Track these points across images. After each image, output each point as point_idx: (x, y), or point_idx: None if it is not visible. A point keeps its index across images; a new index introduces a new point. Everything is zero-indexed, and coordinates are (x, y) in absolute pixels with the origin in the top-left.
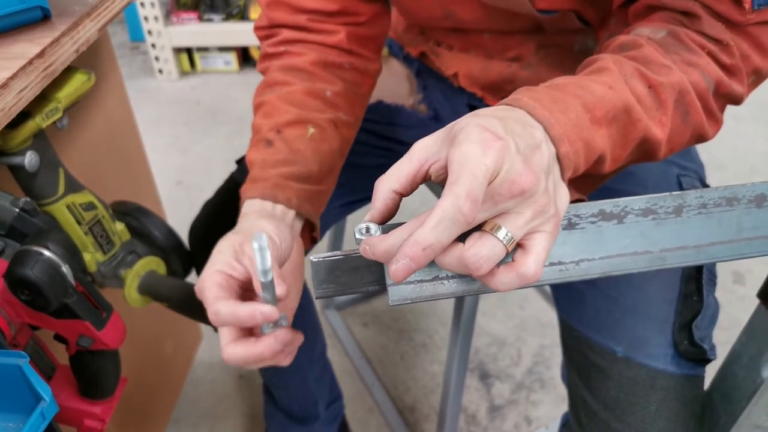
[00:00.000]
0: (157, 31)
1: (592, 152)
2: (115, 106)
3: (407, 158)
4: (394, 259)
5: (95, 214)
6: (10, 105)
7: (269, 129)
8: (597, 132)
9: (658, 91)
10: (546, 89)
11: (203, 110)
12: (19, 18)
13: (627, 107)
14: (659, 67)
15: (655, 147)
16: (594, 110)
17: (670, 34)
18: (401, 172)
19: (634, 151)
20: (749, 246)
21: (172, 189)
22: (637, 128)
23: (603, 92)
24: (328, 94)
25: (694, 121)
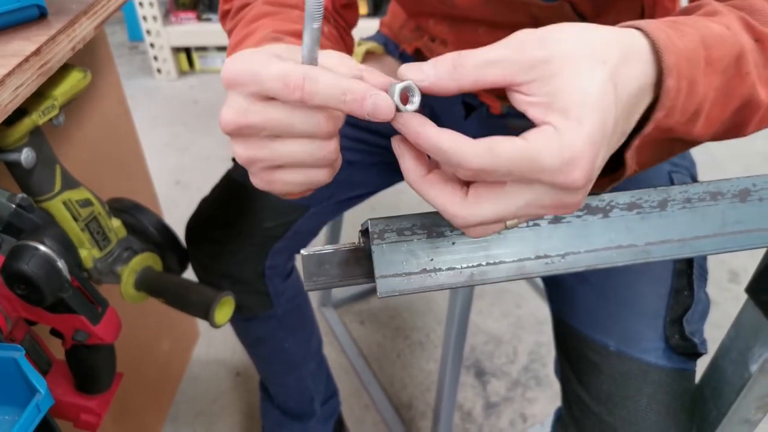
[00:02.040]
0: (156, 30)
1: (693, 98)
2: (112, 104)
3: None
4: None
5: (91, 211)
6: (6, 102)
7: (274, 31)
8: (706, 77)
9: (765, 45)
10: (660, 20)
11: (201, 110)
12: (16, 16)
13: (740, 55)
14: (767, 18)
15: (752, 114)
16: (711, 49)
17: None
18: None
19: (731, 116)
20: (733, 240)
21: (170, 188)
22: (745, 83)
23: (721, 32)
24: (325, 30)
25: None
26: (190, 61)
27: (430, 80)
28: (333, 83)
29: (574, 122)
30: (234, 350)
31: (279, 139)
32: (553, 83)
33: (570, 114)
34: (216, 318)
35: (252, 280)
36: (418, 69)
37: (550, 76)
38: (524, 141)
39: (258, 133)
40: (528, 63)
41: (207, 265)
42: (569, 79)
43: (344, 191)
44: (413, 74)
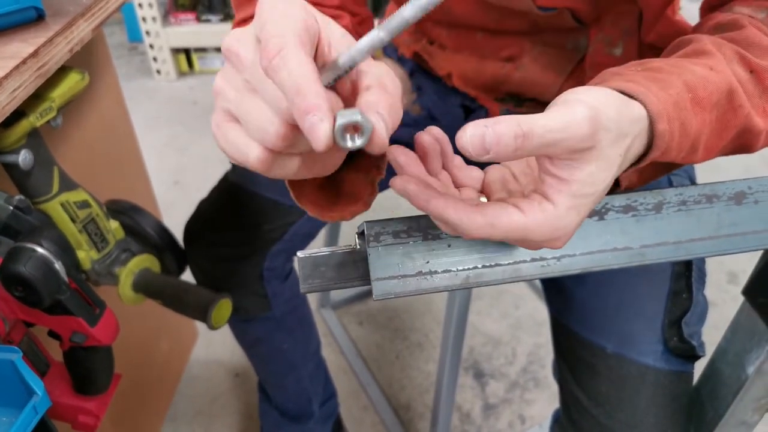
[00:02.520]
0: (155, 31)
1: (686, 138)
2: (110, 105)
3: None
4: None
5: (89, 213)
6: (3, 104)
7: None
8: (697, 116)
9: (761, 77)
10: (639, 71)
11: (201, 110)
12: (13, 18)
13: (730, 91)
14: (764, 50)
15: (754, 138)
16: (696, 90)
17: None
18: None
19: (731, 142)
20: (728, 242)
21: (169, 189)
22: (738, 116)
23: (705, 73)
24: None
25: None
26: (189, 61)
27: (489, 158)
28: (296, 75)
29: (574, 211)
30: (233, 351)
31: (251, 92)
32: (583, 170)
33: (577, 201)
34: (213, 320)
35: (250, 282)
36: (480, 144)
37: (585, 162)
38: (522, 217)
39: (240, 72)
40: (574, 149)
41: (205, 267)
42: (596, 173)
43: None
44: (473, 151)
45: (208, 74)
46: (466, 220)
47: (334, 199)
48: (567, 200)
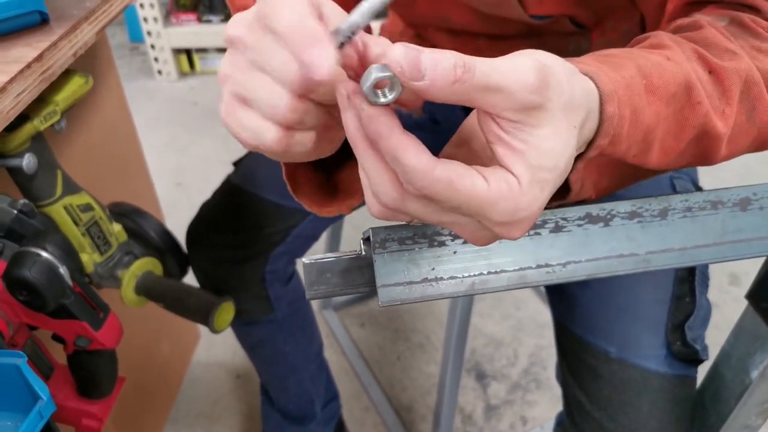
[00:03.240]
0: (157, 32)
1: (638, 126)
2: (113, 108)
3: None
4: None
5: (92, 216)
6: (8, 108)
7: None
8: (650, 104)
9: (720, 77)
10: (592, 56)
11: (202, 111)
12: (18, 22)
13: (688, 84)
14: (722, 51)
15: (714, 143)
16: (651, 77)
17: (733, 22)
18: None
19: (690, 146)
20: (733, 249)
21: (171, 190)
22: (697, 113)
23: (660, 61)
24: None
25: (762, 121)
26: (190, 62)
27: (425, 84)
28: (294, 19)
29: (536, 186)
30: (234, 352)
31: (257, 70)
32: (535, 135)
33: (538, 175)
34: (216, 324)
35: (252, 285)
36: (414, 63)
37: (535, 126)
38: (485, 185)
39: (243, 53)
40: (523, 104)
41: (207, 269)
42: (550, 139)
43: None
44: (401, 65)
45: (209, 74)
46: (422, 166)
47: (332, 195)
48: (526, 172)
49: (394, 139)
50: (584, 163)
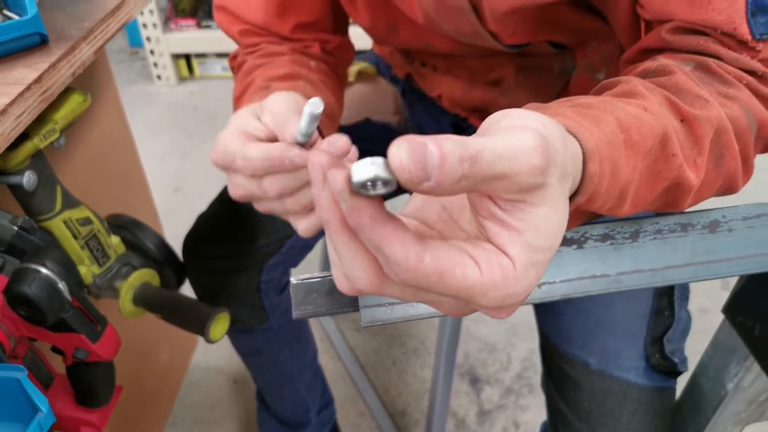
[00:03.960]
0: (156, 37)
1: (617, 183)
2: (111, 123)
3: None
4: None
5: (91, 229)
6: (8, 130)
7: (264, 80)
8: (629, 160)
9: (692, 126)
10: (567, 106)
11: (201, 116)
12: (18, 44)
13: (664, 136)
14: (694, 98)
15: (683, 195)
16: (629, 131)
17: (698, 67)
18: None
19: (659, 198)
20: (703, 270)
21: (170, 195)
22: (671, 166)
23: (639, 113)
24: (312, 65)
25: (728, 169)
26: (189, 67)
27: (429, 186)
28: (263, 152)
29: (532, 270)
30: (231, 357)
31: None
32: (534, 214)
33: (535, 257)
34: (211, 334)
35: (247, 294)
36: (421, 165)
37: (535, 205)
38: (478, 274)
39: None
40: (526, 187)
41: (203, 280)
42: (548, 217)
43: None
44: (409, 171)
45: (208, 79)
46: (410, 260)
47: None
48: (523, 254)
49: (379, 230)
50: None
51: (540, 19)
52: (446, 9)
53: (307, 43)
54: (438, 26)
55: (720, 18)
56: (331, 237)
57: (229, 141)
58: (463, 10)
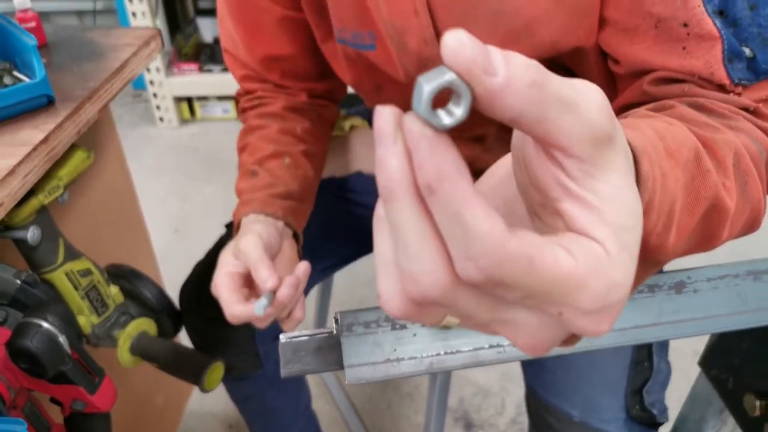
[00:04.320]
0: (159, 81)
1: (667, 192)
2: (114, 174)
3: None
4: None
5: (91, 280)
6: (15, 189)
7: (253, 163)
8: (672, 169)
9: (712, 149)
10: None
11: (202, 157)
12: (26, 105)
13: (697, 151)
14: (703, 125)
15: (722, 220)
16: (666, 139)
17: (692, 105)
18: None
19: (699, 224)
20: (671, 329)
21: (170, 237)
22: (708, 183)
23: (667, 127)
24: (298, 131)
25: (753, 196)
26: (191, 109)
27: (500, 82)
28: (244, 312)
29: (626, 254)
30: (226, 404)
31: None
32: (608, 184)
33: (623, 238)
34: (206, 384)
35: (243, 342)
36: (484, 55)
37: (606, 170)
38: (572, 260)
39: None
40: (597, 132)
41: (199, 327)
42: (623, 188)
43: (328, 258)
44: (472, 54)
45: (209, 121)
46: (496, 235)
47: None
48: (613, 236)
49: (463, 186)
50: None
51: None
52: (427, 68)
53: (294, 91)
54: None
55: (698, 63)
56: (394, 214)
57: (220, 288)
58: None
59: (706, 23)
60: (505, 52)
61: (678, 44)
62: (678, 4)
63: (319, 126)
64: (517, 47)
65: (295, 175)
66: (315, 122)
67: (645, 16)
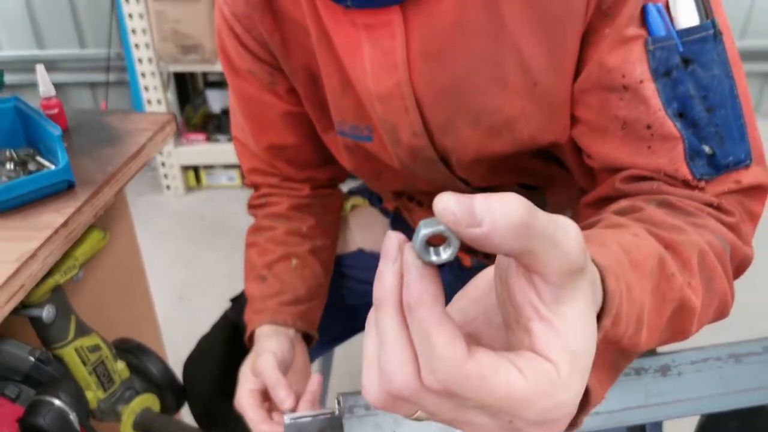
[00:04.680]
0: (168, 151)
1: (634, 303)
2: (125, 253)
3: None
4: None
5: (99, 355)
6: (36, 271)
7: (262, 267)
8: (638, 280)
9: (677, 250)
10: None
11: (207, 225)
12: (48, 190)
13: (661, 258)
14: (669, 227)
15: (690, 316)
16: (631, 253)
17: (661, 203)
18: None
19: (669, 323)
20: (658, 411)
21: (173, 304)
22: (673, 286)
23: (632, 239)
24: (304, 230)
25: (719, 289)
26: (197, 177)
27: (484, 231)
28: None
29: (577, 377)
30: None
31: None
32: (573, 309)
33: (577, 362)
34: None
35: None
36: (467, 210)
37: (573, 298)
38: (522, 380)
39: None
40: (573, 264)
41: (202, 402)
42: (584, 316)
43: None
44: (454, 213)
45: (215, 189)
46: (454, 357)
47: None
48: (566, 360)
49: (437, 312)
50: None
51: (505, 166)
52: (419, 159)
53: (297, 185)
54: (415, 173)
55: (662, 161)
56: (380, 320)
57: (245, 408)
58: (433, 160)
59: (667, 126)
60: (490, 201)
61: (644, 144)
62: (641, 109)
63: (325, 219)
64: (499, 140)
65: (302, 276)
66: (320, 217)
67: (612, 119)
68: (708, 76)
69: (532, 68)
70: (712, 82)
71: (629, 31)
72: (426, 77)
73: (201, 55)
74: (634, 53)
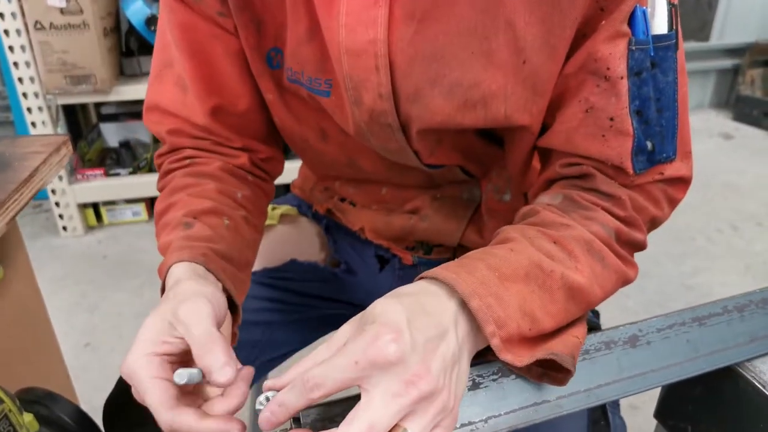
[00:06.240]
0: (61, 189)
1: (509, 305)
2: (23, 292)
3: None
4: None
5: (2, 409)
6: None
7: (185, 215)
8: (508, 288)
9: (563, 244)
10: (455, 261)
11: (111, 264)
12: None
13: (536, 263)
14: (558, 225)
15: (583, 293)
16: (500, 269)
17: (565, 198)
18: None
19: (566, 301)
20: (632, 383)
21: (80, 351)
22: (554, 278)
23: (505, 254)
24: (238, 196)
25: (614, 265)
26: (97, 214)
27: (282, 414)
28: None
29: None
30: None
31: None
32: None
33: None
34: None
35: None
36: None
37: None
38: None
39: None
40: (378, 365)
41: None
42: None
43: (267, 352)
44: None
45: (117, 226)
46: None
47: None
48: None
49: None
50: (499, 348)
51: (454, 145)
52: (378, 125)
53: (236, 154)
54: (367, 139)
55: (612, 153)
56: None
57: (146, 388)
58: (392, 127)
59: (627, 122)
60: (283, 400)
61: (599, 132)
62: (612, 101)
63: (258, 201)
64: (471, 115)
65: (235, 239)
66: (256, 193)
67: (581, 99)
68: (664, 81)
69: (525, 47)
70: (666, 87)
71: (623, 27)
72: (405, 40)
73: (93, 84)
74: (620, 49)
